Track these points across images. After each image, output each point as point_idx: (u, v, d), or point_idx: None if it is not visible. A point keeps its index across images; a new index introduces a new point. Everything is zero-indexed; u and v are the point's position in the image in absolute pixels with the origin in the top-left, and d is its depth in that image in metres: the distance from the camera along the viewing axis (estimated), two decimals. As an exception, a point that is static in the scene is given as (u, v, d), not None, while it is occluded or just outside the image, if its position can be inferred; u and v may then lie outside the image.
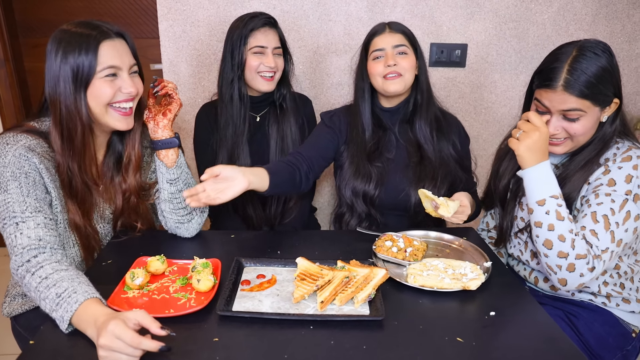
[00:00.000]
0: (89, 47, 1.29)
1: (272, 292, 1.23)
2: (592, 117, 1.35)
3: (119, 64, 1.34)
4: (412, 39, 1.74)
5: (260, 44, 1.82)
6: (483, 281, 1.26)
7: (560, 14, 2.41)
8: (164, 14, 2.31)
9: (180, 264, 1.35)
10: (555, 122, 1.37)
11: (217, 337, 1.06)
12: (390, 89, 1.69)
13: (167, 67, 2.41)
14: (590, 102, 1.32)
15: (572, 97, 1.31)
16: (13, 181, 1.25)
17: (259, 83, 1.85)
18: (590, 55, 1.31)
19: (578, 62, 1.31)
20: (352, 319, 1.12)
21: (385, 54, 1.69)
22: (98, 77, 1.31)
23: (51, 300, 1.09)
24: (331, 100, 2.49)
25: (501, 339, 1.08)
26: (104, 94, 1.33)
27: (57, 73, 1.30)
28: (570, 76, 1.31)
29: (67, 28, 1.33)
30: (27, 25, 2.83)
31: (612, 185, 1.31)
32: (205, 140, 1.93)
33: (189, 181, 1.53)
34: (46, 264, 1.16)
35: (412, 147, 1.77)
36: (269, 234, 1.77)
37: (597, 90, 1.31)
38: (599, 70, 1.30)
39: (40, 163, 1.30)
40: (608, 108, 1.36)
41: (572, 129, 1.36)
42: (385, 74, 1.68)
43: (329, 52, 2.42)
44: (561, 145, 1.40)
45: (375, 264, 1.36)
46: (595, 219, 1.29)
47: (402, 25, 1.74)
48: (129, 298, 1.19)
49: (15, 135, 1.31)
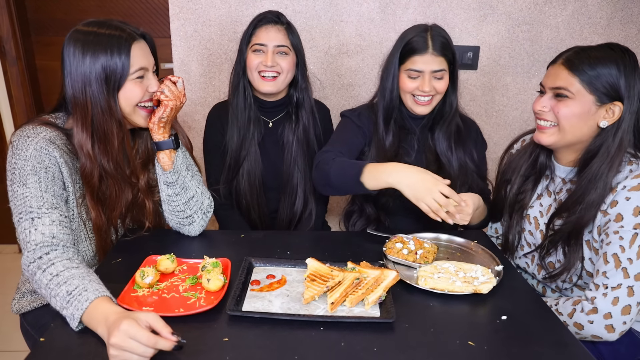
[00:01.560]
0: (121, 48, 1.29)
1: (282, 292, 1.23)
2: (583, 105, 1.32)
3: (147, 65, 1.36)
4: (453, 60, 1.64)
5: (260, 41, 1.76)
6: (495, 285, 1.25)
7: (574, 17, 2.39)
8: (175, 13, 2.32)
9: (190, 263, 1.35)
10: (545, 99, 1.37)
11: (227, 337, 1.05)
12: (417, 111, 1.66)
13: (178, 66, 2.42)
14: (581, 85, 1.30)
15: (565, 72, 1.31)
16: (33, 175, 1.25)
17: (259, 83, 1.79)
18: (604, 48, 1.31)
19: (589, 48, 1.32)
20: (363, 320, 1.11)
21: (422, 76, 1.60)
22: (130, 78, 1.33)
23: (62, 298, 1.09)
24: (342, 101, 2.48)
25: (513, 344, 1.07)
26: (135, 95, 1.35)
27: (88, 75, 1.29)
28: (573, 54, 1.32)
29: (89, 30, 1.31)
30: (39, 24, 2.85)
31: (619, 220, 1.27)
32: (213, 141, 1.90)
33: (187, 184, 1.49)
34: (57, 261, 1.16)
35: (430, 155, 1.74)
36: (278, 234, 1.76)
37: (594, 76, 1.29)
38: (605, 61, 1.29)
39: (60, 157, 1.30)
40: (607, 110, 1.32)
41: (558, 108, 1.34)
42: (417, 96, 1.63)
43: (340, 53, 2.41)
44: (547, 132, 1.39)
45: (385, 266, 1.35)
46: (606, 260, 1.28)
47: (444, 39, 1.61)
48: (139, 297, 1.19)
49: (34, 127, 1.30)
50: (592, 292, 1.29)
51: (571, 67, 1.31)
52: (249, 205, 1.90)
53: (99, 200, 1.39)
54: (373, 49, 2.41)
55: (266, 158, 1.89)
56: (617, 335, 1.28)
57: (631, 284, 1.25)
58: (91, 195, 1.37)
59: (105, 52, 1.28)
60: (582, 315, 1.28)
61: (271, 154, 1.90)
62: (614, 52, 1.31)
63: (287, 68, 1.79)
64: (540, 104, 1.38)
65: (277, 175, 1.90)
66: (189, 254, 1.40)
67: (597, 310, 1.27)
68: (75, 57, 1.29)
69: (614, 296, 1.26)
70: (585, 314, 1.28)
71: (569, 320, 1.31)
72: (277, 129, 1.90)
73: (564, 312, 1.32)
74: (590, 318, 1.27)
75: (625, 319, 1.26)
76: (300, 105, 1.88)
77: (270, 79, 1.78)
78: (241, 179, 1.87)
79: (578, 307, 1.30)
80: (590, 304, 1.28)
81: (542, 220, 1.48)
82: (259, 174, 1.87)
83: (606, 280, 1.27)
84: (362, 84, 2.47)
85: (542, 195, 1.51)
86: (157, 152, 1.45)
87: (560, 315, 1.32)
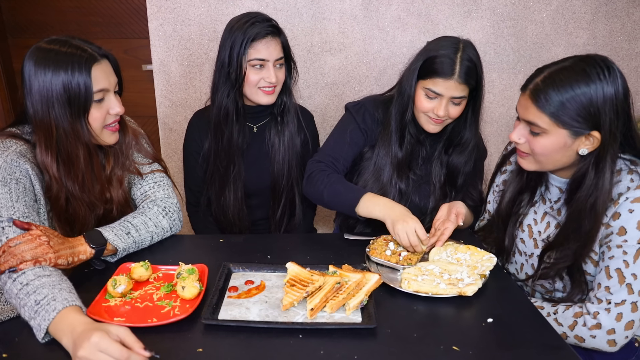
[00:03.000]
0: (82, 68, 1.25)
1: (261, 298, 1.18)
2: (557, 140, 1.22)
3: (107, 86, 1.31)
4: (477, 85, 1.52)
5: (261, 56, 1.64)
6: (480, 287, 1.21)
7: (559, 12, 2.37)
8: (153, 13, 2.27)
9: (166, 270, 1.30)
10: (521, 129, 1.28)
11: (201, 348, 1.01)
12: (427, 129, 1.58)
13: (157, 67, 2.36)
14: (550, 119, 1.20)
15: (532, 107, 1.22)
16: (3, 187, 1.22)
17: (259, 97, 1.70)
18: (575, 69, 1.18)
19: (558, 71, 1.21)
20: (343, 327, 1.07)
21: (440, 99, 1.50)
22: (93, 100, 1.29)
23: (30, 308, 1.05)
24: (326, 100, 2.44)
25: (499, 348, 1.03)
26: (97, 119, 1.31)
27: (50, 94, 1.24)
28: (541, 82, 1.22)
29: (49, 47, 1.26)
30: (16, 26, 2.78)
31: (622, 234, 1.21)
32: (195, 151, 1.83)
33: (142, 245, 1.42)
34: (28, 270, 1.12)
35: (437, 177, 1.68)
36: (259, 238, 1.72)
37: (562, 111, 1.18)
38: (574, 87, 1.17)
39: (31, 169, 1.26)
40: (586, 137, 1.21)
41: (533, 144, 1.26)
42: (431, 117, 1.54)
43: (323, 51, 2.37)
44: (526, 159, 1.32)
45: (368, 269, 1.31)
46: (609, 274, 1.22)
47: (474, 66, 1.48)
48: (111, 307, 1.14)
49: (3, 140, 1.27)
50: (595, 306, 1.24)
51: (537, 101, 1.20)
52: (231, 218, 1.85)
53: (67, 220, 1.35)
54: (356, 46, 2.37)
55: (251, 165, 1.83)
56: (618, 348, 1.24)
57: (635, 299, 1.20)
58: (58, 217, 1.33)
59: (66, 71, 1.24)
60: (585, 330, 1.23)
61: (257, 159, 1.84)
62: (585, 75, 1.17)
63: (282, 79, 1.73)
64: (517, 134, 1.29)
65: (262, 181, 1.85)
66: (165, 260, 1.35)
67: (601, 326, 1.22)
68: (36, 75, 1.24)
69: (618, 312, 1.21)
70: (587, 329, 1.23)
71: (569, 332, 1.26)
72: (262, 134, 1.83)
73: (564, 324, 1.27)
74: (593, 333, 1.23)
75: (627, 333, 1.22)
76: (286, 109, 1.81)
77: (270, 92, 1.70)
78: (228, 194, 1.82)
79: (580, 321, 1.25)
80: (593, 319, 1.23)
81: (536, 229, 1.43)
82: (241, 186, 1.82)
83: (609, 295, 1.22)
84: (346, 82, 2.43)
85: (536, 203, 1.46)
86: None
87: (560, 326, 1.27)
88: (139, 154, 1.52)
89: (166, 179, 1.54)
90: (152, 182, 1.51)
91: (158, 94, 2.42)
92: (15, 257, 1.13)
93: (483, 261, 1.33)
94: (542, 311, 1.30)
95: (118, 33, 2.71)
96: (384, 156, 1.64)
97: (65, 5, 2.71)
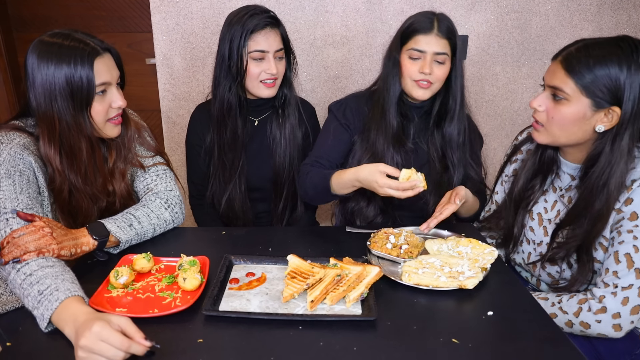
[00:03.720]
0: (84, 61, 1.26)
1: (261, 290, 1.19)
2: (577, 109, 1.24)
3: (110, 79, 1.32)
4: (456, 45, 1.58)
5: (260, 47, 1.65)
6: (480, 279, 1.21)
7: (564, 4, 2.35)
8: (156, 6, 2.27)
9: (168, 261, 1.31)
10: (544, 97, 1.30)
11: (202, 338, 1.02)
12: (416, 95, 1.59)
13: (160, 61, 2.37)
14: (576, 86, 1.22)
15: (562, 72, 1.24)
16: (7, 179, 1.23)
17: (260, 90, 1.71)
18: (611, 45, 1.21)
19: (594, 44, 1.23)
20: (343, 319, 1.07)
21: (424, 57, 1.55)
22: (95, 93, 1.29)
23: (33, 298, 1.06)
24: (329, 94, 2.44)
25: (499, 340, 1.04)
26: (99, 112, 1.32)
27: (52, 87, 1.25)
28: (574, 51, 1.24)
29: (53, 41, 1.27)
30: (21, 20, 2.79)
31: (634, 219, 1.21)
32: (197, 144, 1.84)
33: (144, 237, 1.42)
34: (32, 260, 1.14)
35: (435, 152, 1.69)
36: (261, 230, 1.72)
37: (591, 79, 1.20)
38: (607, 61, 1.19)
39: (35, 162, 1.28)
40: (605, 114, 1.24)
41: (553, 111, 1.27)
42: (417, 80, 1.57)
43: (325, 45, 2.37)
44: (540, 130, 1.34)
45: (369, 262, 1.31)
46: (617, 259, 1.23)
47: (450, 24, 1.56)
48: (113, 297, 1.15)
49: (7, 133, 1.28)
50: (601, 290, 1.24)
51: (568, 67, 1.23)
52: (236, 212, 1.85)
53: (70, 213, 1.36)
54: (359, 39, 2.36)
55: (253, 158, 1.84)
56: (623, 333, 1.24)
57: None
58: (61, 209, 1.34)
59: (69, 64, 1.25)
60: (590, 315, 1.24)
61: (258, 153, 1.84)
62: (620, 51, 1.20)
63: (283, 71, 1.74)
64: (537, 101, 1.31)
65: (265, 175, 1.86)
66: (167, 252, 1.36)
67: (606, 309, 1.22)
68: (39, 68, 1.25)
69: (624, 296, 1.21)
70: (592, 313, 1.23)
71: (574, 319, 1.26)
72: (264, 127, 1.84)
73: (569, 311, 1.27)
74: (598, 317, 1.23)
75: (633, 318, 1.22)
76: (287, 102, 1.82)
77: (271, 84, 1.71)
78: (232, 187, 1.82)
79: (585, 306, 1.25)
80: (598, 303, 1.23)
81: (546, 217, 1.43)
82: (244, 180, 1.83)
83: (617, 280, 1.22)
84: (349, 76, 2.42)
85: (547, 191, 1.46)
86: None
87: (565, 314, 1.27)
88: (142, 146, 1.53)
89: (169, 171, 1.55)
90: (155, 175, 1.52)
91: (161, 88, 2.43)
92: (19, 248, 1.14)
93: (484, 254, 1.33)
94: (546, 302, 1.31)
95: (121, 27, 2.71)
96: (377, 132, 1.65)
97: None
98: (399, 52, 1.60)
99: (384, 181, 1.35)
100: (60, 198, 1.33)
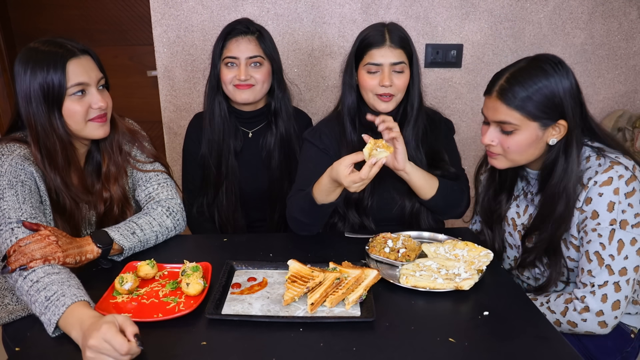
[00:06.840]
0: (57, 65, 1.29)
1: (263, 294, 1.22)
2: (529, 134, 1.29)
3: (87, 80, 1.35)
4: (411, 53, 1.59)
5: (231, 54, 1.71)
6: (476, 281, 1.24)
7: (556, 12, 2.40)
8: (157, 20, 2.32)
9: (171, 268, 1.34)
10: (492, 132, 1.34)
11: (205, 341, 1.04)
12: (380, 108, 1.59)
13: (162, 73, 2.41)
14: (521, 115, 1.26)
15: (502, 106, 1.28)
16: (10, 189, 1.26)
17: (235, 94, 1.75)
18: (533, 66, 1.27)
19: (519, 71, 1.28)
20: (343, 320, 1.10)
21: (381, 70, 1.55)
22: (68, 94, 1.32)
23: (40, 304, 1.09)
24: (327, 103, 2.48)
25: (494, 339, 1.06)
26: (77, 112, 1.34)
27: (28, 91, 1.29)
28: (505, 83, 1.28)
29: (33, 46, 1.32)
30: (24, 35, 2.85)
31: (595, 217, 1.27)
32: (192, 152, 1.88)
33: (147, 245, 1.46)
34: (38, 268, 1.16)
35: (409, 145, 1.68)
36: (261, 237, 1.75)
37: (531, 104, 1.25)
38: (537, 82, 1.25)
39: (36, 172, 1.31)
40: (553, 127, 1.29)
41: (507, 143, 1.32)
42: (379, 94, 1.57)
43: (323, 55, 2.41)
44: (497, 158, 1.38)
45: (368, 265, 1.34)
46: (589, 258, 1.28)
47: (402, 33, 1.57)
48: (118, 303, 1.18)
49: (7, 145, 1.32)
50: (581, 290, 1.29)
51: (507, 100, 1.27)
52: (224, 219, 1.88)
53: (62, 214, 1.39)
54: (357, 50, 2.40)
55: (246, 169, 1.87)
56: (610, 329, 1.28)
57: (616, 279, 1.25)
58: (52, 208, 1.37)
59: (42, 69, 1.28)
60: (575, 314, 1.28)
61: (252, 165, 1.87)
62: (544, 68, 1.26)
63: (261, 79, 1.75)
64: (488, 137, 1.35)
65: (260, 186, 1.89)
66: (170, 259, 1.39)
67: (589, 309, 1.26)
68: (19, 75, 1.30)
69: (602, 293, 1.26)
70: (578, 313, 1.28)
71: (562, 318, 1.30)
72: (258, 140, 1.87)
73: (556, 311, 1.32)
74: (583, 317, 1.27)
75: (616, 313, 1.26)
76: (278, 114, 1.84)
77: (246, 87, 1.74)
78: (222, 196, 1.86)
79: (570, 306, 1.30)
80: (581, 303, 1.28)
81: (519, 222, 1.48)
82: (236, 189, 1.86)
83: (592, 278, 1.27)
84: (347, 86, 2.46)
85: (518, 197, 1.51)
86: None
87: (553, 314, 1.32)
88: (142, 153, 1.56)
89: (170, 180, 1.59)
90: (156, 184, 1.55)
91: (163, 99, 2.47)
92: (25, 256, 1.17)
93: (480, 257, 1.36)
94: (535, 302, 1.34)
95: (123, 40, 2.76)
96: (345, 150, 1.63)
97: (72, 14, 2.77)
98: (355, 69, 1.61)
99: (348, 180, 1.35)
100: (52, 198, 1.36)
